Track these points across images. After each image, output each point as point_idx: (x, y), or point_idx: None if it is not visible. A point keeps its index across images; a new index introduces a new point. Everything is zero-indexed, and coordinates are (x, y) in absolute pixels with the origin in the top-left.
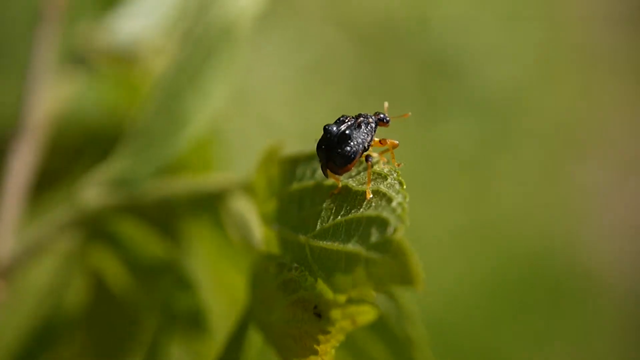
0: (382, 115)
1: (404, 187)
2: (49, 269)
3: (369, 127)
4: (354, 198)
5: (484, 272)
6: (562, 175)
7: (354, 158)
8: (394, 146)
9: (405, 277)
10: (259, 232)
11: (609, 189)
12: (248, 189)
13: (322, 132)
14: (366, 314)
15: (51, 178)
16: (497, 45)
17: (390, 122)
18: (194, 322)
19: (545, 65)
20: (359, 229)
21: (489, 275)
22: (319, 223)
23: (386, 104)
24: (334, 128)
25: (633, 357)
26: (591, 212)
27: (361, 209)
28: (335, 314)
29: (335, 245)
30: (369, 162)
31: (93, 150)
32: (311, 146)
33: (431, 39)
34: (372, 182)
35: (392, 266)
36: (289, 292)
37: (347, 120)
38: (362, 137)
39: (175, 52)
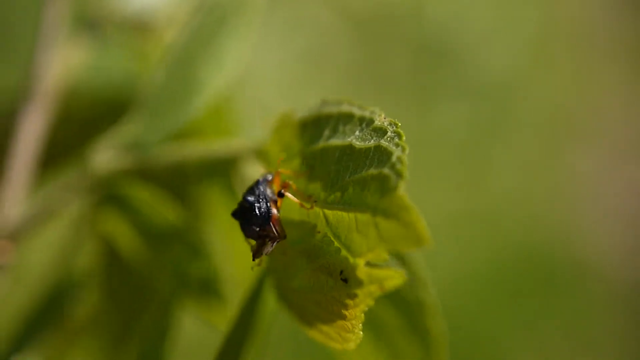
0: (268, 176)
1: (403, 138)
2: (60, 232)
3: (261, 184)
4: (359, 156)
5: (478, 259)
6: (557, 162)
7: (269, 212)
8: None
9: (411, 236)
10: None
11: (603, 175)
12: (261, 155)
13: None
14: (394, 278)
15: (62, 147)
16: (493, 30)
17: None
18: (206, 289)
19: (541, 51)
20: (364, 189)
21: (483, 262)
22: (330, 186)
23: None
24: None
25: (626, 342)
26: (585, 199)
27: (365, 168)
28: (362, 278)
29: (346, 208)
30: (285, 195)
31: (105, 119)
32: (315, 108)
33: (426, 24)
34: (375, 138)
35: (396, 226)
36: (313, 259)
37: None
38: (263, 193)
39: (189, 19)
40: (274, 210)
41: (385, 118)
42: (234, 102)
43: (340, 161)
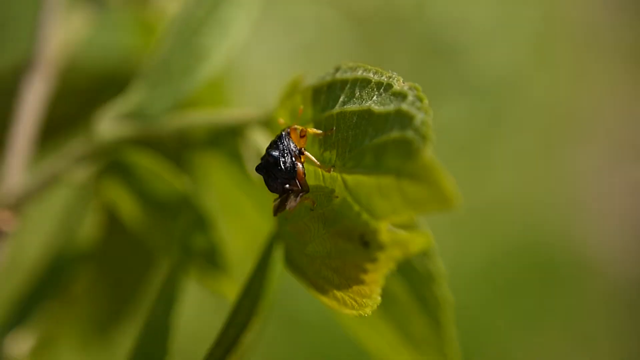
0: (289, 128)
1: (425, 102)
2: (62, 201)
3: (284, 138)
4: (378, 121)
5: (477, 256)
6: (556, 160)
7: (294, 165)
8: (312, 132)
9: (440, 197)
10: None
11: (602, 173)
12: (268, 123)
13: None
14: (418, 241)
15: (64, 119)
16: (493, 29)
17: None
18: (210, 259)
19: (541, 50)
20: (386, 152)
21: (482, 259)
22: (347, 151)
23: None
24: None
25: (624, 339)
26: (585, 197)
27: (385, 132)
28: (385, 241)
29: (367, 172)
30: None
31: (109, 92)
32: (329, 73)
33: (427, 22)
34: (394, 102)
35: (424, 188)
36: (330, 223)
37: (269, 147)
38: (287, 146)
39: None
40: (299, 164)
41: (404, 82)
42: (234, 75)
43: (359, 126)
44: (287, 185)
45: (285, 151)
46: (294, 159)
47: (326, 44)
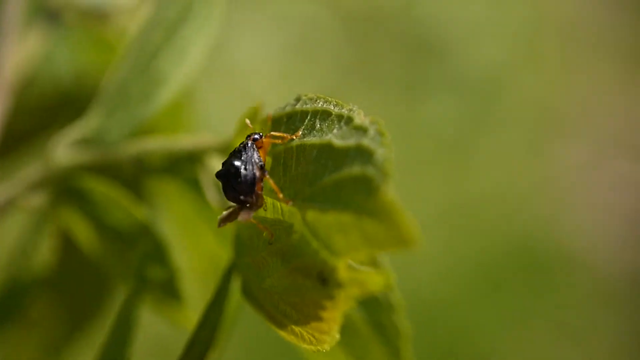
0: (255, 136)
1: (387, 137)
2: (17, 228)
3: (249, 148)
4: (338, 155)
5: (465, 253)
6: (545, 156)
7: (254, 179)
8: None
9: (399, 237)
10: None
11: (591, 170)
12: (227, 150)
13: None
14: (378, 280)
15: (22, 139)
16: (481, 24)
17: (262, 137)
18: (166, 287)
19: (529, 46)
20: (346, 188)
21: (470, 256)
22: (307, 185)
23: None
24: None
25: (613, 335)
26: (573, 193)
27: (346, 167)
28: (343, 279)
29: (326, 208)
30: (266, 176)
31: (66, 111)
32: (289, 104)
33: (415, 19)
34: (355, 137)
35: (383, 227)
36: (288, 259)
37: (232, 156)
38: (250, 157)
39: (151, 9)
40: (259, 177)
41: (365, 116)
42: (194, 99)
43: (319, 160)
44: (242, 197)
45: (248, 163)
46: (255, 172)
47: (315, 41)
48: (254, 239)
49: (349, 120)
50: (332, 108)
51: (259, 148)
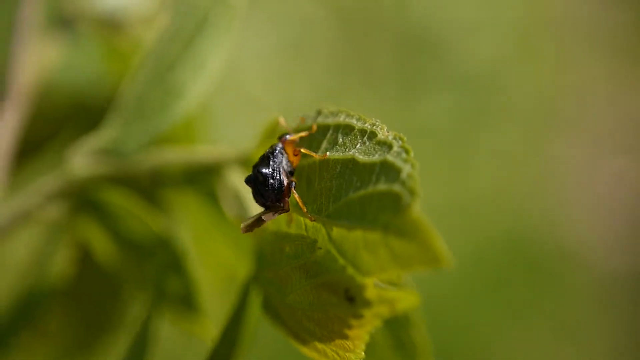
0: (285, 137)
1: (411, 154)
2: (34, 238)
3: (277, 154)
4: (363, 171)
5: (463, 249)
6: (541, 152)
7: (282, 187)
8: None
9: (429, 257)
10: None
11: (588, 166)
12: (246, 162)
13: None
14: (406, 300)
15: (37, 147)
16: (476, 21)
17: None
18: (185, 300)
19: (525, 42)
20: (372, 205)
21: (468, 252)
22: (331, 202)
23: (281, 119)
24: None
25: (610, 332)
26: (570, 189)
27: (371, 184)
28: (371, 297)
29: (352, 225)
30: (291, 188)
31: (81, 119)
32: (310, 117)
33: (410, 16)
34: (379, 152)
35: (412, 246)
36: (313, 275)
37: (261, 162)
38: (279, 164)
39: (168, 20)
40: (287, 184)
41: (388, 131)
42: (210, 112)
43: (343, 175)
44: (269, 203)
45: (276, 171)
46: (283, 179)
47: (311, 40)
48: (276, 254)
49: (372, 135)
50: (355, 122)
51: (286, 150)
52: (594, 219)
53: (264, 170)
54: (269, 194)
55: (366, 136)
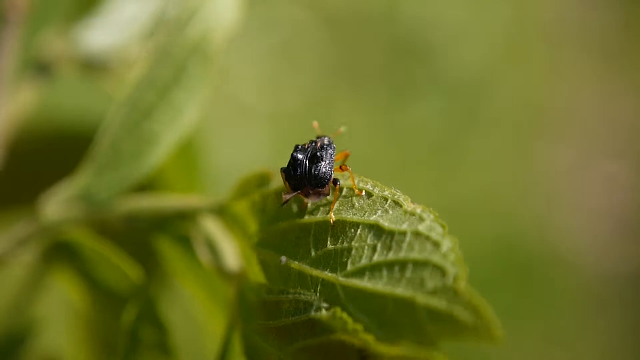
0: (325, 140)
1: (446, 230)
2: (10, 284)
3: (330, 150)
4: (388, 238)
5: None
6: (531, 157)
7: (329, 179)
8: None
9: (481, 330)
10: (234, 258)
11: (578, 170)
12: (222, 212)
13: (291, 160)
14: None
15: (15, 189)
16: (466, 25)
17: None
18: (159, 345)
19: (514, 47)
20: (404, 272)
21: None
22: (349, 262)
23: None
24: (300, 155)
25: (599, 335)
26: (560, 193)
27: (402, 251)
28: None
29: (378, 288)
30: (337, 185)
31: (60, 160)
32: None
33: (400, 22)
34: (408, 222)
35: (461, 318)
36: (317, 333)
37: (307, 146)
38: (329, 158)
39: (145, 68)
40: (333, 174)
41: (413, 202)
42: (202, 153)
43: (363, 239)
44: (317, 188)
45: (329, 159)
46: (332, 167)
47: (302, 44)
48: (272, 307)
49: (396, 204)
50: (370, 188)
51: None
52: (583, 223)
53: (319, 154)
54: (317, 179)
55: (387, 204)
